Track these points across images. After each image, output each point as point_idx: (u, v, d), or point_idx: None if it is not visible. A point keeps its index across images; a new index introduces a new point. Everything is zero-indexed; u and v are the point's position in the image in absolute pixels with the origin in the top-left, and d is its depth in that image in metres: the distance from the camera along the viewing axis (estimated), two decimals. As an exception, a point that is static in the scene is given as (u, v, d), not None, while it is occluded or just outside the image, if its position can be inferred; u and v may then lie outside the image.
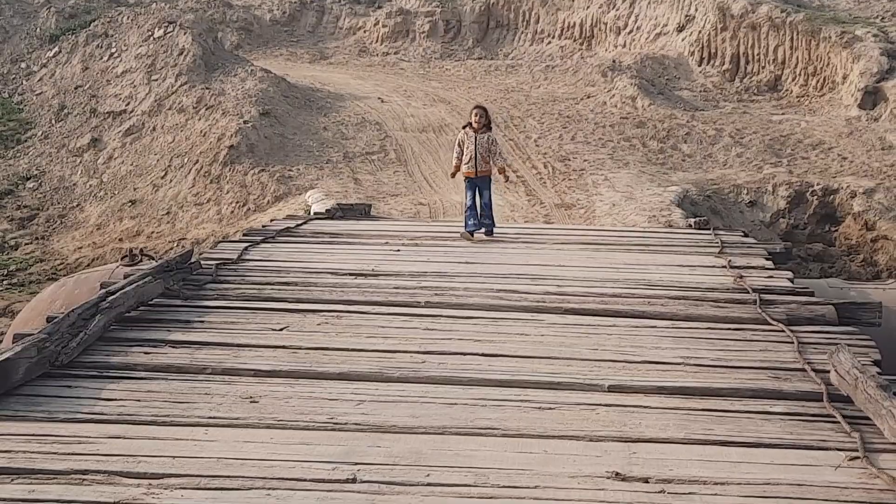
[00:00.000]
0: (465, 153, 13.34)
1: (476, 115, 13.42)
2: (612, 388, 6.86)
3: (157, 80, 26.32)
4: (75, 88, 27.06)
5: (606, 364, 7.46)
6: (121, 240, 20.70)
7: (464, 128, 13.68)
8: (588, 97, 26.59)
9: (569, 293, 9.83)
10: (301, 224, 14.46)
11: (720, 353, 7.86)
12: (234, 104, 24.63)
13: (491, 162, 13.41)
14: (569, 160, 22.46)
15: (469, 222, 13.19)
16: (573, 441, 5.88)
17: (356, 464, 5.40)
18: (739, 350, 7.96)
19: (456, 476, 5.29)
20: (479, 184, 13.29)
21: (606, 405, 6.54)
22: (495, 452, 5.66)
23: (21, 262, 20.65)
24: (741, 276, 10.59)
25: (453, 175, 14.34)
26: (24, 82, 28.04)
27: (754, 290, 9.78)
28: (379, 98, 26.94)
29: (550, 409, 6.44)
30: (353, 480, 5.19)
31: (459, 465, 5.44)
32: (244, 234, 13.96)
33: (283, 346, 7.80)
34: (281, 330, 8.32)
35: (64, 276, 16.63)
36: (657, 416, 6.36)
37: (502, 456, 5.61)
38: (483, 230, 13.23)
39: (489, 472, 5.36)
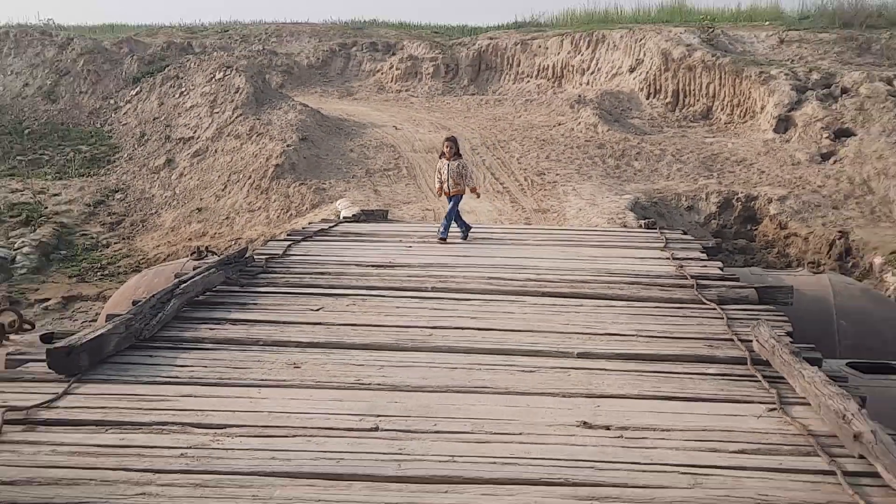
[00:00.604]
0: (442, 177, 13.10)
1: (447, 147, 13.11)
2: (581, 355, 6.89)
3: (217, 112, 26.33)
4: (153, 119, 27.08)
5: (576, 336, 7.48)
6: (190, 239, 20.71)
7: (440, 157, 13.36)
8: (559, 124, 26.56)
9: (545, 280, 9.83)
10: (333, 226, 14.47)
11: (666, 326, 7.89)
12: (278, 131, 24.65)
13: (462, 184, 13.10)
14: (544, 174, 22.46)
15: (440, 229, 12.91)
16: (550, 397, 5.91)
17: (378, 416, 5.44)
18: (681, 324, 7.98)
19: (457, 425, 5.33)
20: (452, 199, 12.99)
21: (576, 368, 6.58)
22: (488, 406, 5.70)
23: (111, 258, 20.67)
24: (682, 266, 10.63)
25: (438, 195, 14.02)
26: (113, 115, 28.07)
27: (692, 277, 9.82)
28: (394, 126, 26.92)
29: (531, 371, 6.48)
30: (376, 429, 5.23)
31: (460, 417, 5.48)
32: (288, 234, 13.95)
33: (320, 323, 7.82)
34: (318, 310, 8.34)
35: (145, 268, 16.64)
36: (616, 377, 6.40)
37: (494, 409, 5.64)
38: (462, 235, 12.99)
39: (484, 421, 5.40)
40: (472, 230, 13.35)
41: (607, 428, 5.29)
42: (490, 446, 4.99)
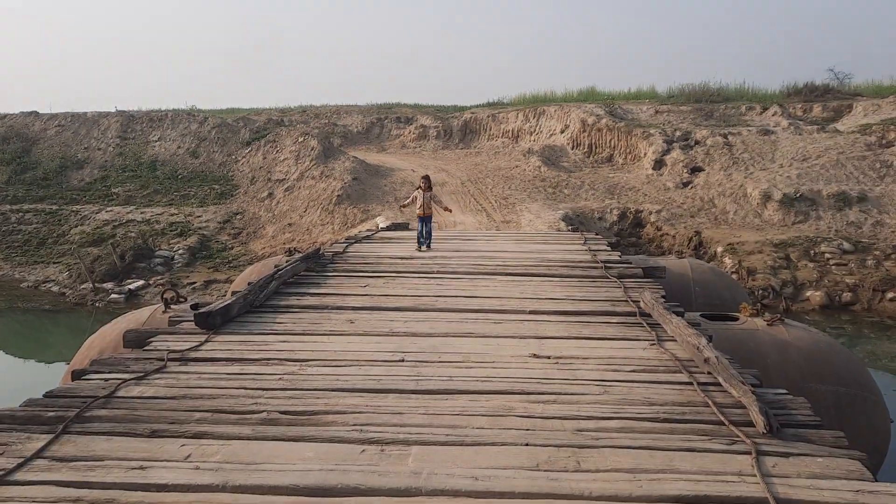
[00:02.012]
0: (417, 202, 11.85)
1: (423, 182, 11.98)
2: (532, 312, 6.89)
3: (300, 162, 26.26)
4: (259, 168, 26.97)
5: (528, 300, 7.49)
6: (284, 243, 20.68)
7: (417, 188, 12.08)
8: (516, 167, 26.52)
9: (509, 264, 9.82)
10: (374, 233, 14.44)
11: (585, 292, 7.88)
12: (339, 174, 24.61)
13: (433, 208, 11.92)
14: (507, 198, 22.44)
15: (420, 240, 11.64)
16: (512, 339, 5.90)
17: (404, 352, 5.43)
18: (595, 291, 7.97)
19: (454, 357, 5.32)
20: (425, 220, 11.71)
21: (528, 321, 6.58)
22: (474, 345, 5.69)
23: (234, 256, 20.66)
24: (595, 254, 10.60)
25: (402, 207, 12.19)
26: (234, 165, 27.90)
27: (602, 262, 9.80)
28: (412, 169, 26.83)
29: (500, 323, 6.48)
30: (402, 361, 5.22)
31: (455, 351, 5.47)
32: (346, 239, 13.95)
33: (366, 294, 7.82)
34: (365, 286, 8.34)
35: (256, 261, 16.64)
36: (554, 325, 6.39)
37: (477, 347, 5.64)
38: (426, 245, 11.61)
39: (471, 354, 5.40)
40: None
41: (548, 357, 5.29)
42: (474, 370, 4.99)
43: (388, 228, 15.94)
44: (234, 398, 4.35)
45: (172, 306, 7.88)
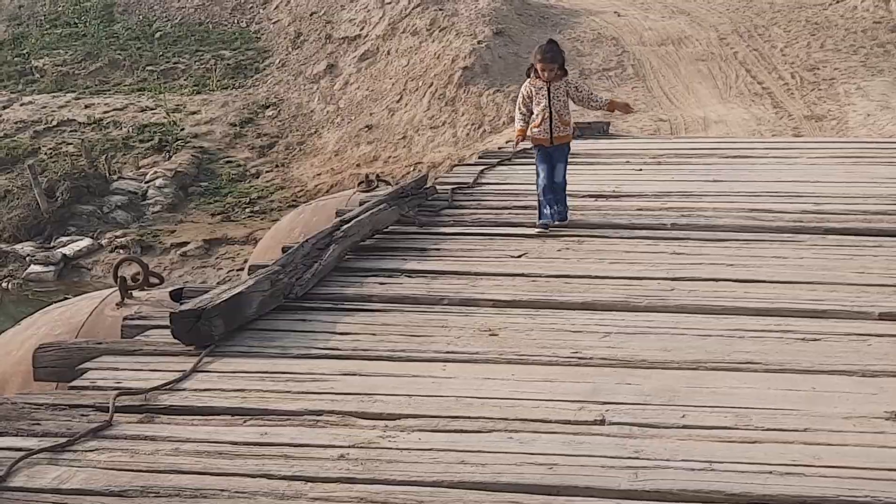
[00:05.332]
0: (535, 112, 9.44)
1: (542, 59, 9.27)
2: (884, 316, 6.58)
3: (390, 2, 26.42)
4: (310, 15, 27.36)
5: (875, 288, 7.19)
6: (358, 165, 20.94)
7: (528, 75, 9.68)
8: (837, 2, 25.58)
9: (828, 211, 9.58)
10: (539, 146, 14.31)
11: None
12: (467, 24, 24.58)
13: (572, 123, 9.86)
14: (817, 69, 21.76)
15: (545, 211, 9.39)
16: (844, 376, 5.64)
17: (604, 403, 5.29)
18: None
19: (714, 417, 5.11)
20: (554, 154, 9.52)
21: (878, 335, 6.29)
22: (756, 390, 5.48)
23: (262, 190, 21.11)
24: None
25: (516, 143, 10.67)
26: (261, 11, 28.47)
27: None
28: (615, 12, 26.48)
29: (815, 339, 6.23)
30: (602, 422, 5.06)
31: (717, 405, 5.27)
32: (480, 157, 14.07)
33: (522, 275, 7.76)
34: (519, 257, 8.29)
35: (303, 203, 16.86)
36: (942, 345, 6.10)
37: (765, 393, 5.41)
38: (556, 216, 9.42)
39: (751, 412, 5.17)
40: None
41: (930, 423, 4.97)
42: (762, 448, 4.72)
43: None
44: (245, 499, 4.31)
45: (136, 294, 7.95)
